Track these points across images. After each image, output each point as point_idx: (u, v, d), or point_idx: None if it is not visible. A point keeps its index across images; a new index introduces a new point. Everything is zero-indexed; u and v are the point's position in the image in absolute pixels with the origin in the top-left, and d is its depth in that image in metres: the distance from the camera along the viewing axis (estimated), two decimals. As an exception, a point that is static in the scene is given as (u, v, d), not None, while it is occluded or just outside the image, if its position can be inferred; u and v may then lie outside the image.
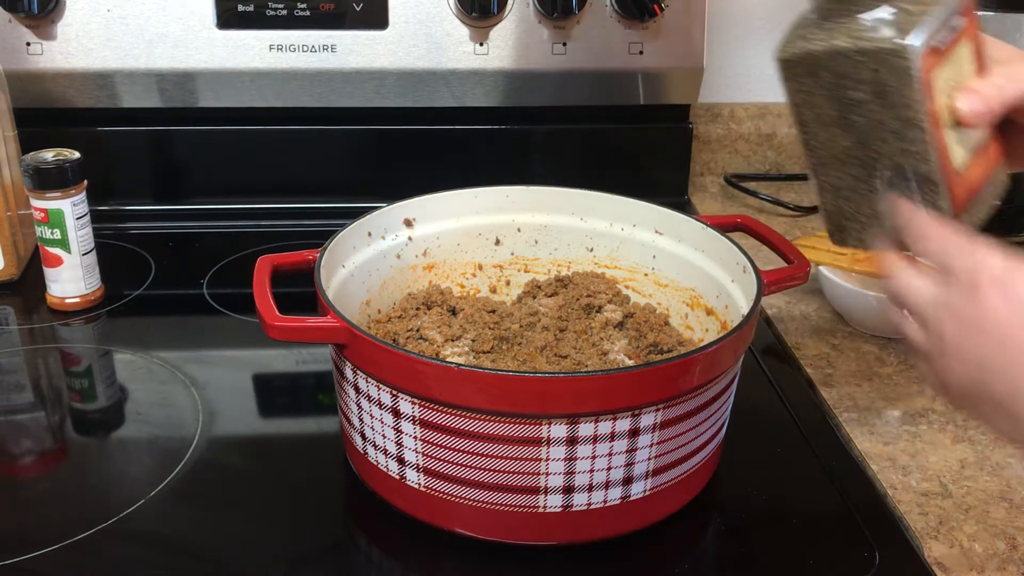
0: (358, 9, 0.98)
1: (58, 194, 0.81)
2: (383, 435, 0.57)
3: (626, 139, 1.08)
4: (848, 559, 0.58)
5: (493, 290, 0.79)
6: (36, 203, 0.82)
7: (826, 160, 0.57)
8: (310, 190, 1.06)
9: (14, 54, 0.96)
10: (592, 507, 0.56)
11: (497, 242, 0.77)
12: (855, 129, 0.55)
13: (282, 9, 0.97)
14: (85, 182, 0.83)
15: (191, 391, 0.73)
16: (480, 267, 0.78)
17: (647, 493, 0.57)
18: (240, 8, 0.97)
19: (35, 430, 0.71)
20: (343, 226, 0.68)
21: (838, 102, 0.55)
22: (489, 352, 0.67)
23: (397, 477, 0.58)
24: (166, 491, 0.63)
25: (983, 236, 0.49)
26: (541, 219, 0.77)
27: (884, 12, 0.52)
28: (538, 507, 0.56)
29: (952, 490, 0.65)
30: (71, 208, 0.82)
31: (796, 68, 0.55)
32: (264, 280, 0.60)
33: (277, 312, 0.57)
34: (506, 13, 0.99)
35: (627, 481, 0.56)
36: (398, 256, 0.73)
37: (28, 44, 0.96)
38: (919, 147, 0.53)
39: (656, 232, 0.74)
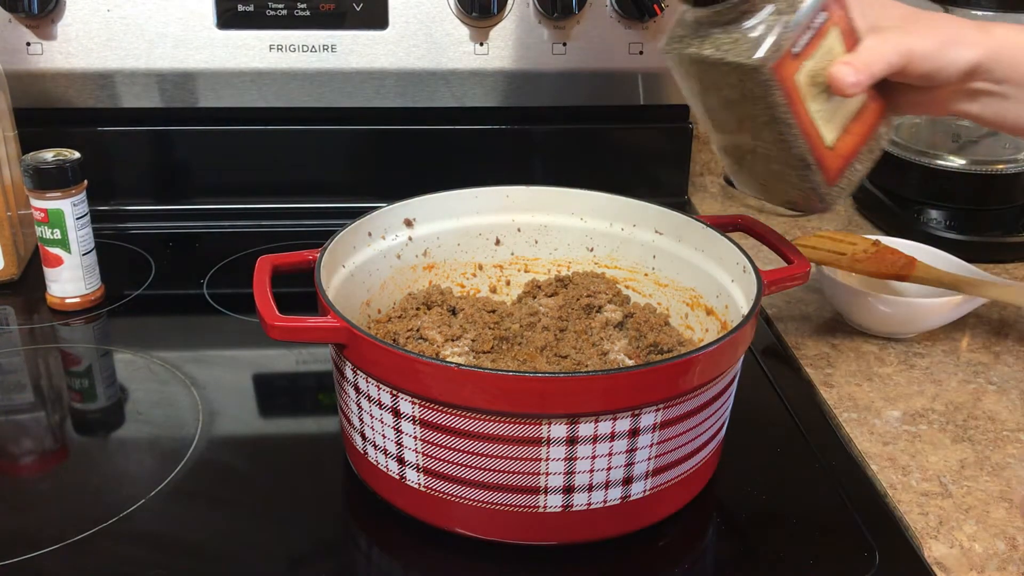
0: (358, 9, 0.98)
1: (58, 194, 0.81)
2: (383, 435, 0.57)
3: (626, 139, 1.08)
4: (848, 559, 0.58)
5: (493, 290, 0.79)
6: (36, 203, 0.82)
7: (716, 129, 0.64)
8: (310, 190, 1.06)
9: (14, 54, 0.96)
10: (592, 507, 0.56)
11: (497, 242, 0.77)
12: (734, 116, 0.61)
13: (282, 9, 0.97)
14: (85, 182, 0.83)
15: (191, 391, 0.73)
16: (480, 267, 0.78)
17: (647, 493, 0.57)
18: (240, 8, 0.97)
19: (35, 430, 0.71)
20: (343, 226, 0.68)
21: (716, 96, 0.60)
22: (489, 352, 0.67)
23: (397, 477, 0.58)
24: (166, 491, 0.63)
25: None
26: (541, 219, 0.77)
27: (745, 25, 0.57)
28: (538, 507, 0.56)
29: (952, 490, 0.65)
30: (71, 208, 0.82)
31: (677, 65, 0.61)
32: (264, 280, 0.60)
33: (277, 312, 0.57)
34: (506, 13, 0.99)
35: (627, 481, 0.56)
36: (398, 256, 0.73)
37: (28, 44, 0.96)
38: (788, 137, 0.59)
39: (656, 232, 0.74)
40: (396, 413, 0.55)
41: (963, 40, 0.61)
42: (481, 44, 1.00)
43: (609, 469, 0.55)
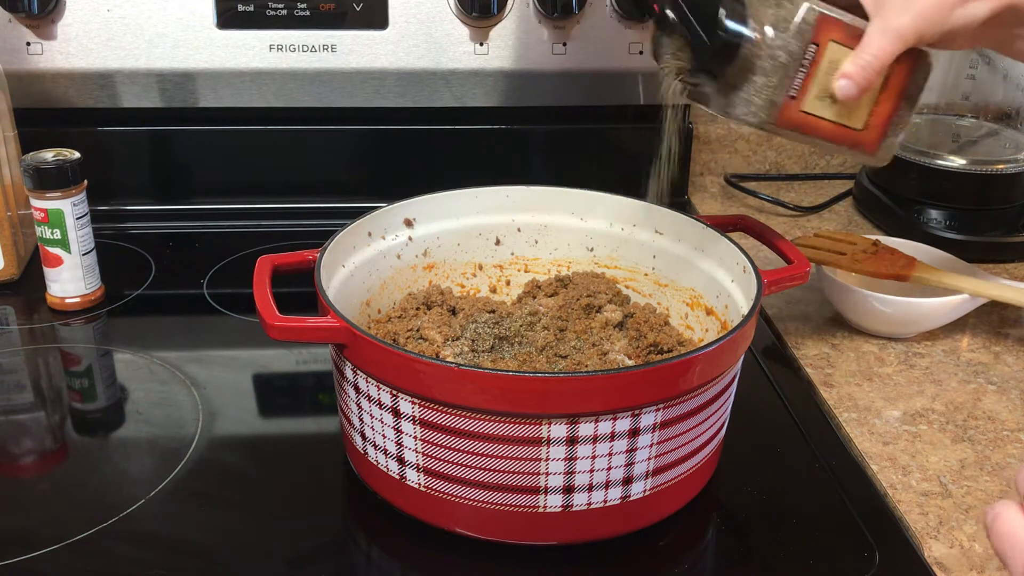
0: (358, 9, 0.98)
1: (58, 194, 0.81)
2: (383, 435, 0.57)
3: (626, 139, 1.08)
4: (848, 559, 0.58)
5: (493, 290, 0.79)
6: (36, 203, 0.82)
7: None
8: (310, 190, 1.06)
9: (14, 54, 0.96)
10: (592, 507, 0.56)
11: (497, 242, 0.77)
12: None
13: (282, 9, 0.97)
14: (85, 182, 0.83)
15: (191, 391, 0.73)
16: (480, 267, 0.78)
17: (647, 493, 0.57)
18: (240, 8, 0.97)
19: (35, 430, 0.71)
20: (343, 226, 0.68)
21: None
22: (489, 352, 0.67)
23: (397, 477, 0.58)
24: (166, 491, 0.63)
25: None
26: (541, 219, 0.77)
27: (743, 89, 0.60)
28: (538, 507, 0.56)
29: (952, 490, 0.65)
30: (71, 208, 0.82)
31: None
32: (264, 280, 0.60)
33: (277, 312, 0.57)
34: (506, 13, 0.99)
35: (627, 481, 0.56)
36: (398, 256, 0.73)
37: (28, 44, 0.96)
38: (819, 145, 0.64)
39: (656, 232, 0.74)
40: (396, 413, 0.55)
41: None
42: (481, 44, 1.00)
43: (609, 469, 0.55)
